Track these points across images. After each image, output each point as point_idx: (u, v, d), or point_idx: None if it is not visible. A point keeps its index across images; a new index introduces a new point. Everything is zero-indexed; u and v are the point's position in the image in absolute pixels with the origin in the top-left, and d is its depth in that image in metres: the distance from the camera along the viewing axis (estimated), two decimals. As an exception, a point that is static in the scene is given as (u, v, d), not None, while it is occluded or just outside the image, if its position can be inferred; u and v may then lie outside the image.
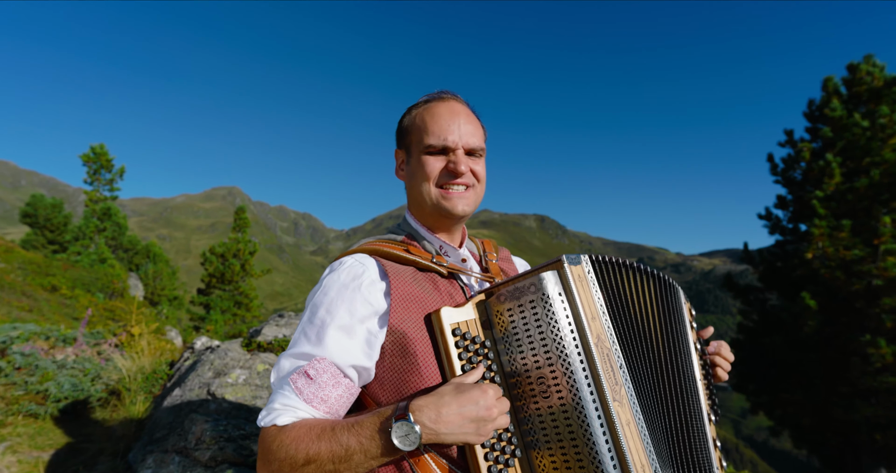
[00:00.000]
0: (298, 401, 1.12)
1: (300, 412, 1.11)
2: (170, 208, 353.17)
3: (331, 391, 1.13)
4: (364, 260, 1.27)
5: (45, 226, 23.10)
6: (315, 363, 1.14)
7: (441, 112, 1.32)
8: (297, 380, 1.13)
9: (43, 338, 5.29)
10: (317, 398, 1.12)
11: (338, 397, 1.14)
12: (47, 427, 4.01)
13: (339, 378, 1.15)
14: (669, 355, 1.32)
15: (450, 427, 1.03)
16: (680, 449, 1.24)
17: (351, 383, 1.17)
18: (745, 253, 13.33)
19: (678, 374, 1.32)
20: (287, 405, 1.12)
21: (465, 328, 1.19)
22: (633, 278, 1.31)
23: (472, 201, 1.35)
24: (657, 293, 1.34)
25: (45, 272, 14.03)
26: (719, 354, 1.50)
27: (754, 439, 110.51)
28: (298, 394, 1.12)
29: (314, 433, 1.06)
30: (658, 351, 1.29)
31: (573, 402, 1.08)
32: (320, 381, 1.13)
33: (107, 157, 21.99)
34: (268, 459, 1.08)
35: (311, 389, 1.12)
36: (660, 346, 1.30)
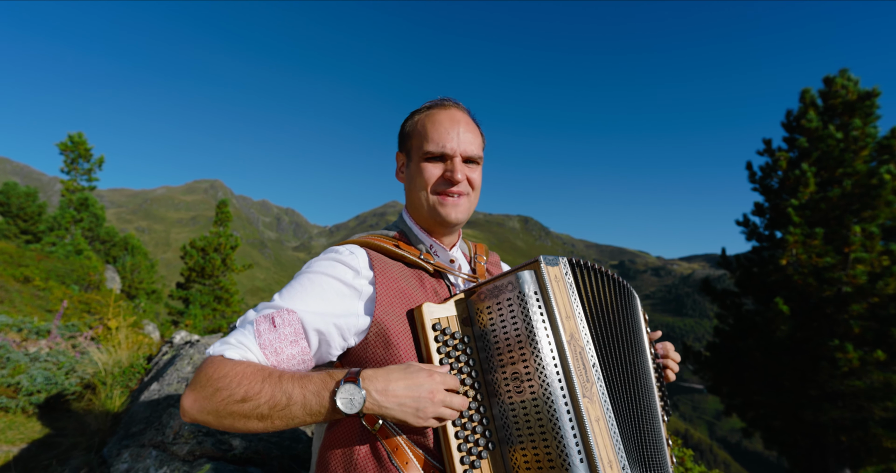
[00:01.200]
0: (253, 343, 1.12)
1: (250, 355, 1.11)
2: (150, 199, 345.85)
3: (287, 346, 1.14)
4: (355, 250, 1.31)
5: (17, 215, 22.42)
6: (284, 312, 1.15)
7: (442, 119, 1.36)
8: (261, 323, 1.15)
9: (15, 330, 5.17)
10: (270, 348, 1.12)
11: (290, 355, 1.15)
12: (18, 421, 3.93)
13: (299, 337, 1.16)
14: (635, 357, 1.38)
15: (391, 402, 1.06)
16: (645, 447, 1.29)
17: (308, 348, 1.17)
18: (722, 258, 13.63)
19: (642, 375, 1.38)
20: (242, 343, 1.12)
21: (445, 323, 1.23)
22: (605, 284, 1.37)
23: (466, 210, 1.40)
24: (620, 298, 1.41)
25: (18, 263, 13.66)
26: (668, 356, 1.59)
27: (728, 440, 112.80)
28: (257, 336, 1.13)
29: (261, 374, 1.06)
30: (626, 353, 1.35)
31: (544, 397, 1.12)
32: (282, 332, 1.14)
33: (85, 146, 21.46)
34: (203, 384, 1.05)
35: (270, 336, 1.13)
36: (627, 348, 1.36)
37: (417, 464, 1.17)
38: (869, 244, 10.70)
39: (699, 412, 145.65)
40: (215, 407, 1.03)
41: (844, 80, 12.13)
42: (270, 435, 2.55)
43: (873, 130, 11.65)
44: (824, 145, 11.61)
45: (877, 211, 10.83)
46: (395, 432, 1.18)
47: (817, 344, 10.88)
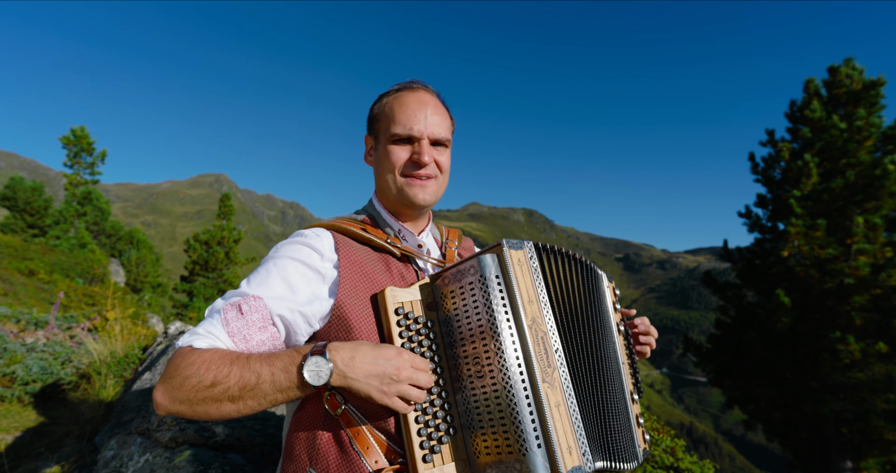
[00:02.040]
0: (222, 332, 1.12)
1: (218, 343, 1.11)
2: (155, 194, 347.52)
3: (255, 333, 1.14)
4: (321, 233, 1.30)
5: (24, 209, 22.60)
6: (251, 299, 1.15)
7: (409, 102, 1.34)
8: (228, 311, 1.14)
9: (13, 321, 5.23)
10: (239, 335, 1.12)
11: (259, 341, 1.14)
12: (14, 410, 3.98)
13: (267, 323, 1.15)
14: (601, 341, 1.36)
15: (357, 374, 1.06)
16: (610, 433, 1.28)
17: (277, 333, 1.17)
18: (724, 250, 13.55)
19: (608, 359, 1.36)
20: (210, 332, 1.12)
21: (409, 308, 1.22)
22: (573, 268, 1.36)
23: (434, 192, 1.39)
24: (587, 281, 1.39)
25: (23, 256, 13.78)
26: (648, 332, 1.58)
27: (733, 433, 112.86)
28: (224, 325, 1.13)
29: (228, 358, 1.06)
30: (593, 338, 1.33)
31: (503, 382, 1.11)
32: (249, 319, 1.14)
33: (87, 139, 21.54)
34: (171, 375, 1.05)
35: (238, 324, 1.13)
36: (594, 333, 1.34)
37: (378, 449, 1.17)
38: (872, 236, 10.60)
39: (704, 405, 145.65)
40: (186, 396, 1.03)
41: (849, 69, 11.95)
42: (253, 422, 2.57)
43: (878, 119, 11.49)
44: (828, 136, 11.47)
45: (880, 202, 10.72)
46: (357, 417, 1.17)
47: (818, 336, 10.83)
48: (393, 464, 1.16)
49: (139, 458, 2.36)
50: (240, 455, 2.26)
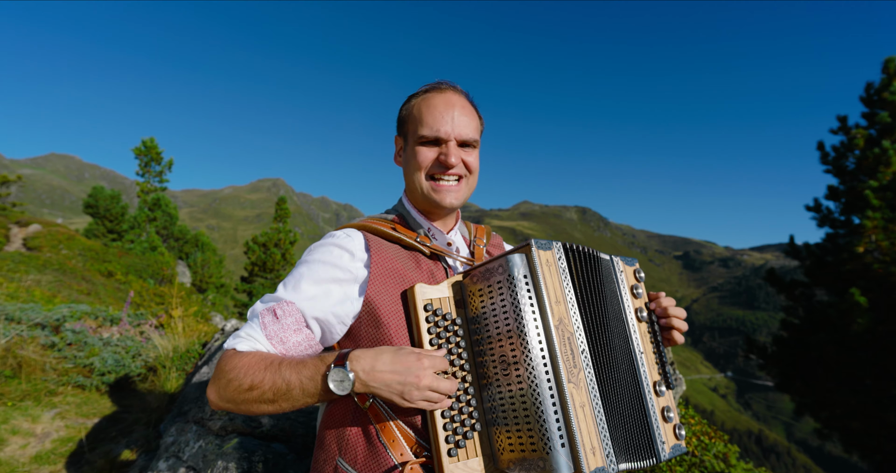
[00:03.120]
0: (261, 335, 1.21)
1: (258, 345, 1.20)
2: (218, 199, 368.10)
3: (291, 335, 1.22)
4: (352, 233, 1.35)
5: (104, 216, 24.60)
6: (284, 304, 1.23)
7: (437, 103, 1.35)
8: (265, 316, 1.23)
9: (92, 317, 5.73)
10: (276, 338, 1.21)
11: (296, 343, 1.22)
12: (93, 398, 4.38)
13: (301, 326, 1.23)
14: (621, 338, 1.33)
15: (378, 383, 1.10)
16: (636, 435, 1.25)
17: (311, 334, 1.25)
18: (790, 246, 12.67)
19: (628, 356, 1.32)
20: (251, 335, 1.22)
21: (437, 304, 1.24)
22: (596, 266, 1.33)
23: (462, 194, 1.40)
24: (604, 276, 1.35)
25: (102, 259, 15.04)
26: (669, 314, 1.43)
27: (808, 443, 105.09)
28: (263, 328, 1.22)
29: (263, 363, 1.15)
30: (614, 336, 1.30)
31: (529, 381, 1.11)
32: (284, 322, 1.22)
33: (156, 150, 23.17)
34: (219, 377, 1.17)
35: (274, 327, 1.21)
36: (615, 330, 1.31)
37: (404, 443, 1.20)
38: (963, 229, 9.57)
39: (774, 412, 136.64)
40: (230, 396, 1.15)
41: (934, 45, 10.82)
42: (297, 415, 2.70)
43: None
44: (910, 120, 10.46)
45: (972, 191, 9.66)
46: (384, 411, 1.22)
47: (901, 339, 9.90)
48: (418, 457, 1.19)
49: (194, 444, 2.55)
50: (283, 444, 2.39)
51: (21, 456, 3.26)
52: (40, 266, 12.07)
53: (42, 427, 3.64)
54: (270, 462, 2.10)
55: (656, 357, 1.42)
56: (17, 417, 3.67)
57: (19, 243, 15.22)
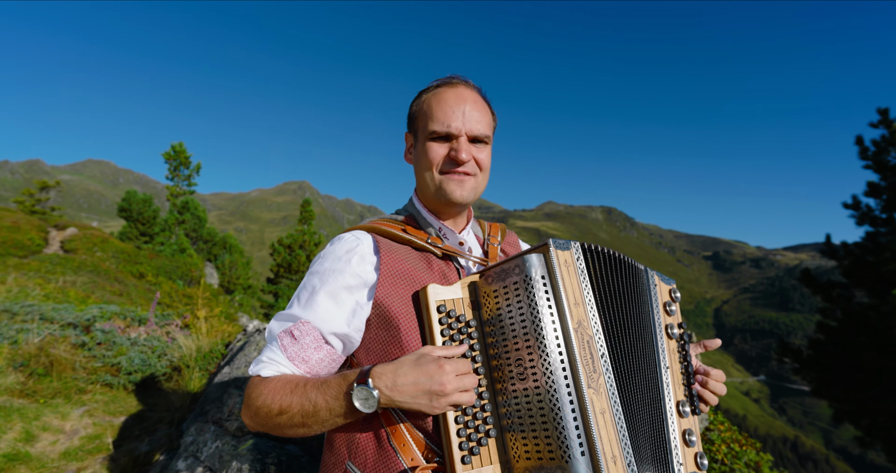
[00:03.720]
0: (282, 358, 1.21)
1: (282, 368, 1.20)
2: (245, 202, 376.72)
3: (312, 353, 1.21)
4: (360, 236, 1.32)
5: (137, 219, 25.40)
6: (300, 324, 1.22)
7: (447, 98, 1.32)
8: (283, 338, 1.22)
9: (121, 318, 5.89)
10: (298, 358, 1.20)
11: (318, 360, 1.21)
12: (120, 396, 4.48)
13: (320, 343, 1.22)
14: (643, 345, 1.27)
15: (404, 397, 1.07)
16: (658, 444, 1.20)
17: (332, 349, 1.23)
18: (827, 246, 12.14)
19: (649, 364, 1.27)
20: (273, 359, 1.21)
21: (451, 305, 1.20)
22: (622, 271, 1.29)
23: (473, 190, 1.36)
24: (630, 282, 1.31)
25: (134, 261, 15.51)
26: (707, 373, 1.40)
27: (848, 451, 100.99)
28: (283, 351, 1.21)
29: (289, 387, 1.15)
30: (636, 342, 1.25)
31: (546, 386, 1.07)
32: (303, 342, 1.21)
33: (185, 154, 23.83)
34: (248, 405, 1.18)
35: (294, 348, 1.21)
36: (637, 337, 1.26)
37: (415, 447, 1.17)
38: None
39: (811, 418, 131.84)
40: (263, 422, 1.17)
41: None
42: (313, 416, 2.69)
43: None
44: (957, 111, 9.89)
45: None
46: (395, 413, 1.19)
47: (949, 343, 9.36)
48: (430, 463, 1.15)
49: (211, 444, 2.56)
50: (298, 446, 2.37)
51: (51, 452, 3.35)
52: (76, 268, 12.52)
53: (71, 424, 3.74)
54: (284, 463, 2.09)
55: (683, 378, 1.36)
56: (47, 414, 3.78)
57: (57, 246, 15.84)
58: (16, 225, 15.58)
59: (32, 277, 10.16)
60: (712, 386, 1.37)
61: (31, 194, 26.16)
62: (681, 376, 1.35)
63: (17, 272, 10.33)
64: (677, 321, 1.41)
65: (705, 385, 1.37)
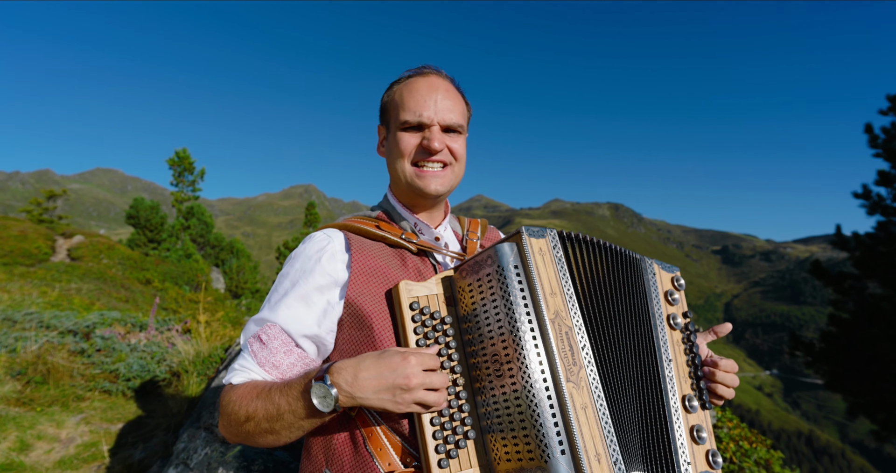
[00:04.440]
0: (253, 364, 1.17)
1: (253, 374, 1.16)
2: (252, 206, 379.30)
3: (282, 357, 1.16)
4: (332, 234, 1.28)
5: (145, 226, 25.59)
6: (267, 328, 1.18)
7: (419, 87, 1.29)
8: (252, 344, 1.19)
9: (122, 324, 5.87)
10: (268, 363, 1.16)
11: (290, 364, 1.17)
12: (119, 403, 4.45)
13: (290, 347, 1.17)
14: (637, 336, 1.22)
15: (365, 392, 1.01)
16: (651, 441, 1.14)
17: (304, 353, 1.19)
18: (837, 237, 11.94)
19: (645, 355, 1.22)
20: (244, 366, 1.17)
21: (424, 302, 1.16)
22: (608, 259, 1.23)
23: (448, 181, 1.33)
24: (618, 270, 1.25)
25: (140, 267, 15.60)
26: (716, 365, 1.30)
27: (864, 444, 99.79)
28: (253, 357, 1.17)
29: (254, 392, 1.10)
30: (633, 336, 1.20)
31: (523, 382, 1.02)
32: (272, 346, 1.17)
33: (189, 160, 23.96)
34: (221, 413, 1.15)
35: (263, 354, 1.17)
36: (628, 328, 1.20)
37: (392, 451, 1.12)
38: None
39: (825, 411, 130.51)
40: (234, 431, 1.13)
41: None
42: (305, 421, 2.63)
43: None
44: (967, 96, 9.68)
45: None
46: (371, 416, 1.15)
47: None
48: (407, 467, 1.11)
49: (201, 451, 2.50)
50: (287, 452, 2.31)
51: (45, 461, 3.31)
52: (82, 275, 12.59)
53: (67, 433, 3.70)
54: (271, 470, 2.03)
55: (690, 371, 1.28)
56: (43, 422, 3.75)
57: (64, 254, 15.96)
58: (23, 234, 15.72)
59: (38, 285, 10.22)
60: (721, 377, 1.27)
61: (39, 203, 26.44)
62: (687, 368, 1.27)
63: (23, 281, 10.39)
64: (681, 310, 1.33)
65: (713, 378, 1.28)
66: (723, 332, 1.38)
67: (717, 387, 1.28)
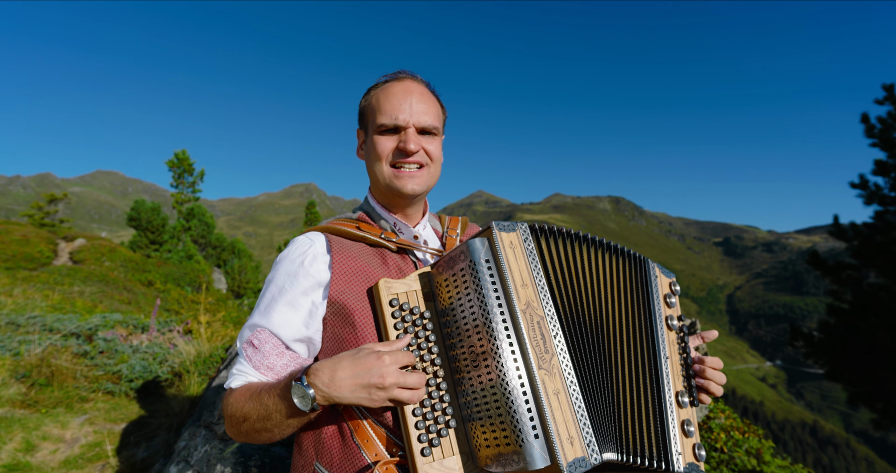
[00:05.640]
0: (249, 367, 1.23)
1: (250, 377, 1.23)
2: (253, 206, 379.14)
3: (275, 360, 1.23)
4: (313, 237, 1.33)
5: (146, 228, 25.64)
6: (258, 333, 1.24)
7: (395, 92, 1.33)
8: (247, 349, 1.25)
9: (124, 326, 5.94)
10: (263, 366, 1.23)
11: (283, 365, 1.23)
12: (122, 403, 4.53)
13: (281, 349, 1.24)
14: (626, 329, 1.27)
15: (341, 391, 1.06)
16: (624, 423, 1.18)
17: (295, 354, 1.25)
18: (835, 227, 11.95)
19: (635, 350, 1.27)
20: (241, 370, 1.24)
21: (404, 299, 1.20)
22: (585, 249, 1.28)
23: (425, 181, 1.37)
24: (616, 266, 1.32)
25: (142, 269, 15.68)
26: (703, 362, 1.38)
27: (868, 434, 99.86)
28: (248, 361, 1.24)
29: (248, 394, 1.17)
30: (605, 322, 1.25)
31: (497, 371, 1.07)
32: (264, 350, 1.23)
33: (188, 161, 23.99)
34: (223, 416, 1.24)
35: (257, 357, 1.23)
36: (606, 317, 1.25)
37: (378, 442, 1.17)
38: None
39: (829, 401, 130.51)
40: (235, 431, 1.21)
41: None
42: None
43: None
44: (963, 85, 9.67)
45: None
46: (357, 411, 1.20)
47: (964, 322, 9.18)
48: (393, 457, 1.16)
49: (201, 449, 2.57)
50: (285, 447, 2.37)
51: (50, 462, 3.38)
52: (84, 278, 12.67)
53: (71, 433, 3.77)
54: (268, 466, 2.09)
55: (682, 370, 1.35)
56: (48, 423, 3.82)
57: (66, 257, 16.04)
58: (25, 238, 15.80)
59: (41, 288, 10.30)
60: (710, 374, 1.35)
61: (40, 207, 26.52)
62: (680, 367, 1.34)
63: (26, 285, 10.47)
64: (677, 313, 1.41)
65: (703, 374, 1.35)
66: (710, 338, 1.48)
67: (708, 384, 1.34)
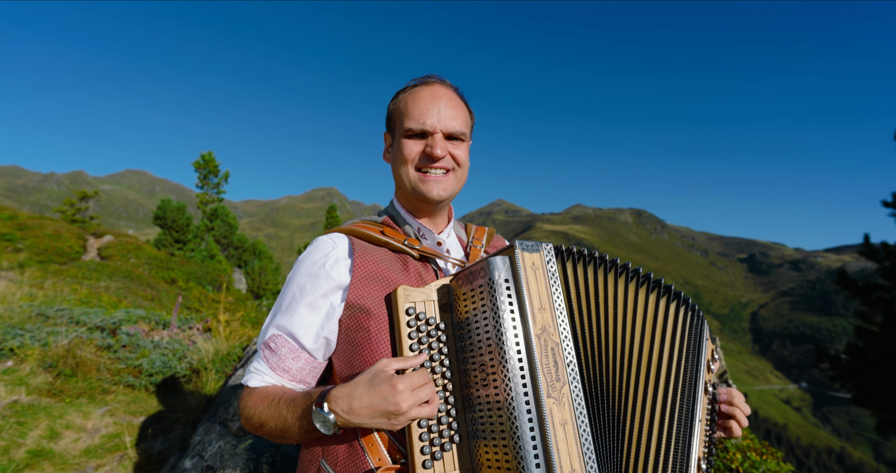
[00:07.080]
0: (266, 368, 1.26)
1: (267, 378, 1.26)
2: (275, 209, 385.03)
3: (291, 363, 1.25)
4: (336, 239, 1.33)
5: (171, 227, 26.27)
6: (275, 337, 1.26)
7: (423, 96, 1.33)
8: (264, 350, 1.28)
9: (146, 321, 6.10)
10: (279, 368, 1.25)
11: (299, 368, 1.26)
12: (142, 397, 4.64)
13: (297, 353, 1.25)
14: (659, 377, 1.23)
15: (361, 419, 1.08)
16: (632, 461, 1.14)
17: (311, 357, 1.26)
18: (865, 246, 11.56)
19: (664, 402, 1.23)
20: (258, 370, 1.27)
21: (421, 308, 1.19)
22: (619, 280, 1.25)
23: (451, 186, 1.36)
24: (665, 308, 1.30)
25: (166, 267, 16.06)
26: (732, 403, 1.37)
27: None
28: (265, 362, 1.27)
29: (266, 401, 1.20)
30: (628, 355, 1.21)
31: (505, 393, 1.05)
32: (280, 354, 1.25)
33: (214, 163, 24.55)
34: (241, 414, 1.27)
35: (273, 359, 1.26)
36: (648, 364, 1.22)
37: (382, 447, 1.18)
38: None
39: (858, 428, 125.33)
40: (252, 432, 1.27)
41: None
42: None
43: None
44: None
45: None
46: None
47: None
48: (395, 463, 1.16)
49: (215, 444, 2.62)
50: (293, 447, 2.41)
51: (73, 450, 3.49)
52: (110, 274, 13.04)
53: (93, 423, 3.89)
54: (279, 463, 2.12)
55: (706, 436, 1.32)
56: (71, 413, 3.94)
57: (94, 253, 16.54)
58: (57, 233, 16.36)
59: (69, 282, 10.63)
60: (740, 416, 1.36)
61: (72, 203, 27.44)
62: (704, 431, 1.30)
63: (55, 278, 10.83)
64: (713, 380, 1.38)
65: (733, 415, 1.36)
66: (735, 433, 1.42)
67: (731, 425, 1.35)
